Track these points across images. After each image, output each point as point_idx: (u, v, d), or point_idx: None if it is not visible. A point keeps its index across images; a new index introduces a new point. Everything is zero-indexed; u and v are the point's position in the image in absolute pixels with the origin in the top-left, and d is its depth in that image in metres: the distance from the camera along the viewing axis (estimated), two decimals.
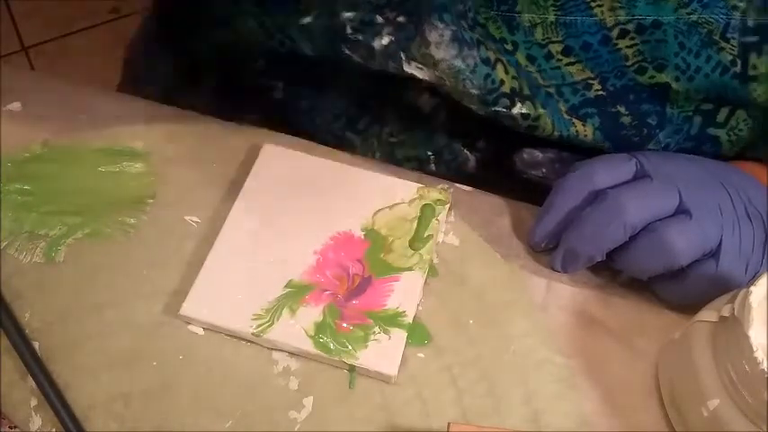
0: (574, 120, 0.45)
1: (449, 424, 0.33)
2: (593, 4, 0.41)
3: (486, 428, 0.35)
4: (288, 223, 0.43)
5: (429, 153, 0.51)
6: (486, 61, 0.44)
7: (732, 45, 0.41)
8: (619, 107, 0.45)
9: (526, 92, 0.44)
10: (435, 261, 0.43)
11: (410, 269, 0.42)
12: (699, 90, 0.43)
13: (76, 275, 0.42)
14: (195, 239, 0.43)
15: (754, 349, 0.32)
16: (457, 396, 0.39)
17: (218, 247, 0.42)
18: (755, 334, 0.33)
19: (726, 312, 0.35)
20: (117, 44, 0.65)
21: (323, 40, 0.45)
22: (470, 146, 0.50)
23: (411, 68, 0.44)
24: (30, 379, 0.38)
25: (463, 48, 0.43)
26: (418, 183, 0.45)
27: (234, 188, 0.45)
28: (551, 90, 0.45)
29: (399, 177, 0.46)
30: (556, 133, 0.46)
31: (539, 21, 0.42)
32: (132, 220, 0.44)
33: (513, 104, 0.45)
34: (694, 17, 0.40)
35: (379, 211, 0.44)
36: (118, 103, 0.49)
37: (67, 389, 0.38)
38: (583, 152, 0.46)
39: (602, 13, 0.41)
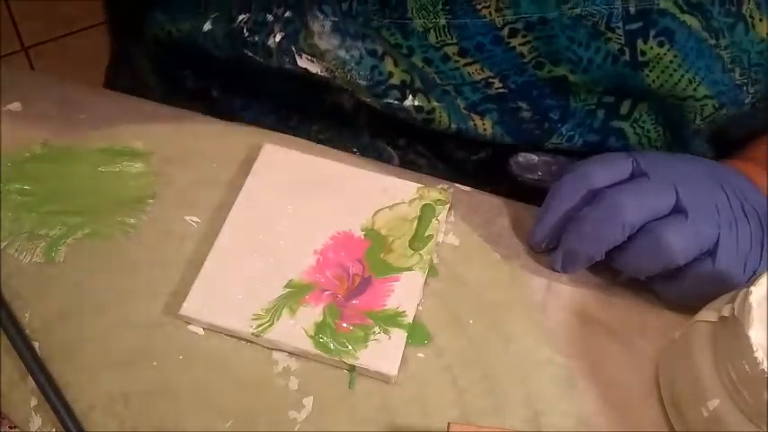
0: (472, 114, 0.46)
1: (449, 424, 0.33)
2: (479, 7, 0.42)
3: (486, 428, 0.35)
4: (288, 223, 0.43)
5: (354, 150, 0.51)
6: (372, 53, 0.45)
7: (618, 34, 0.41)
8: (520, 103, 0.45)
9: (418, 85, 0.45)
10: (435, 261, 0.43)
11: (410, 269, 0.42)
12: (596, 81, 0.43)
13: (76, 275, 0.42)
14: (195, 239, 0.43)
15: (754, 349, 0.32)
16: (457, 396, 0.39)
17: (218, 247, 0.42)
18: (755, 334, 0.33)
19: (726, 312, 0.35)
20: None
21: (226, 45, 0.47)
22: (393, 144, 0.51)
23: (303, 62, 0.46)
24: (30, 379, 0.38)
25: (346, 38, 0.44)
26: (418, 183, 0.45)
27: (234, 188, 0.45)
28: (449, 89, 0.45)
29: (399, 177, 0.46)
30: (453, 126, 0.46)
31: (431, 25, 0.43)
32: (132, 220, 0.44)
33: (405, 97, 0.46)
34: (577, 11, 0.41)
35: (379, 211, 0.44)
36: (118, 103, 0.49)
37: (67, 389, 0.38)
38: (579, 154, 0.46)
39: (489, 14, 0.42)
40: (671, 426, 0.39)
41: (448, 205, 0.45)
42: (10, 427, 0.37)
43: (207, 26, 0.47)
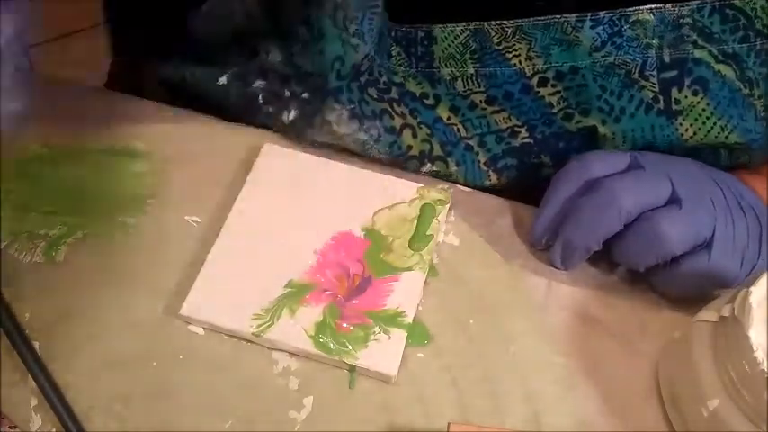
0: (490, 172, 0.46)
1: (449, 424, 0.33)
2: (509, 55, 0.41)
3: (486, 428, 0.35)
4: (288, 223, 0.43)
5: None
6: (390, 130, 0.45)
7: (652, 83, 0.41)
8: (543, 157, 0.45)
9: (437, 152, 0.45)
10: (435, 261, 0.43)
11: (410, 269, 0.42)
12: (626, 135, 0.43)
13: (76, 275, 0.42)
14: (195, 239, 0.43)
15: (754, 349, 0.32)
16: (457, 396, 0.39)
17: (218, 247, 0.42)
18: (755, 334, 0.33)
19: (726, 312, 0.35)
20: None
21: (239, 104, 0.47)
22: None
23: (322, 137, 0.46)
24: (30, 379, 0.38)
25: (364, 122, 0.44)
26: (418, 183, 0.45)
27: (234, 188, 0.45)
28: (472, 142, 0.45)
29: (399, 177, 0.46)
30: (469, 182, 0.46)
31: (458, 74, 0.42)
32: (132, 220, 0.44)
33: (423, 164, 0.46)
34: (610, 59, 0.40)
35: (379, 210, 0.44)
36: (118, 103, 0.49)
37: (67, 389, 0.38)
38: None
39: (519, 63, 0.41)
40: (671, 426, 0.39)
41: (448, 205, 0.45)
42: (10, 427, 0.37)
43: (222, 80, 0.47)
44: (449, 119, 0.44)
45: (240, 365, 0.40)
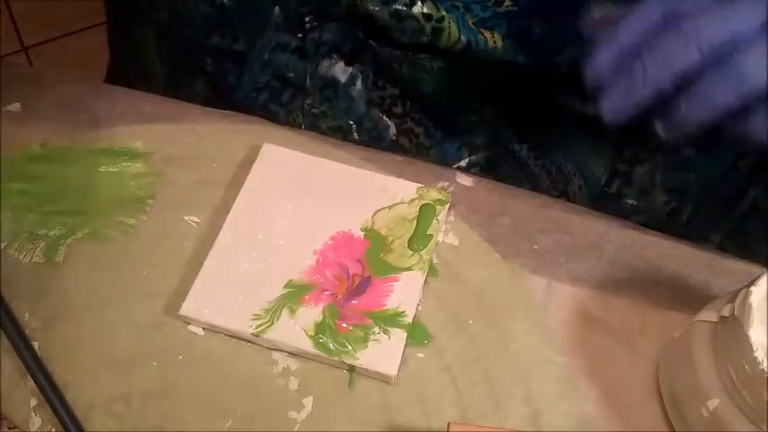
0: (481, 29, 0.45)
1: (449, 424, 0.33)
2: None
3: (486, 428, 0.35)
4: (288, 223, 0.43)
5: (350, 122, 0.51)
6: None
7: None
8: (532, 18, 0.44)
9: None
10: (435, 261, 0.43)
11: (410, 269, 0.42)
12: None
13: (76, 275, 0.42)
14: (195, 239, 0.43)
15: (754, 349, 0.32)
16: (457, 396, 0.39)
17: (218, 247, 0.42)
18: (755, 334, 0.33)
19: (726, 312, 0.35)
20: None
21: None
22: (388, 112, 0.51)
23: None
24: (30, 379, 0.38)
25: None
26: (417, 183, 0.45)
27: (234, 188, 0.45)
28: (458, 4, 0.44)
29: (399, 177, 0.46)
30: (462, 38, 0.45)
31: None
32: (132, 220, 0.44)
33: (414, 2, 0.44)
34: None
35: (379, 210, 0.44)
36: (118, 103, 0.49)
37: (67, 389, 0.38)
38: None
39: None
40: (671, 426, 0.39)
41: (447, 205, 0.44)
42: (10, 428, 0.37)
43: None
44: None
45: (240, 365, 0.40)
